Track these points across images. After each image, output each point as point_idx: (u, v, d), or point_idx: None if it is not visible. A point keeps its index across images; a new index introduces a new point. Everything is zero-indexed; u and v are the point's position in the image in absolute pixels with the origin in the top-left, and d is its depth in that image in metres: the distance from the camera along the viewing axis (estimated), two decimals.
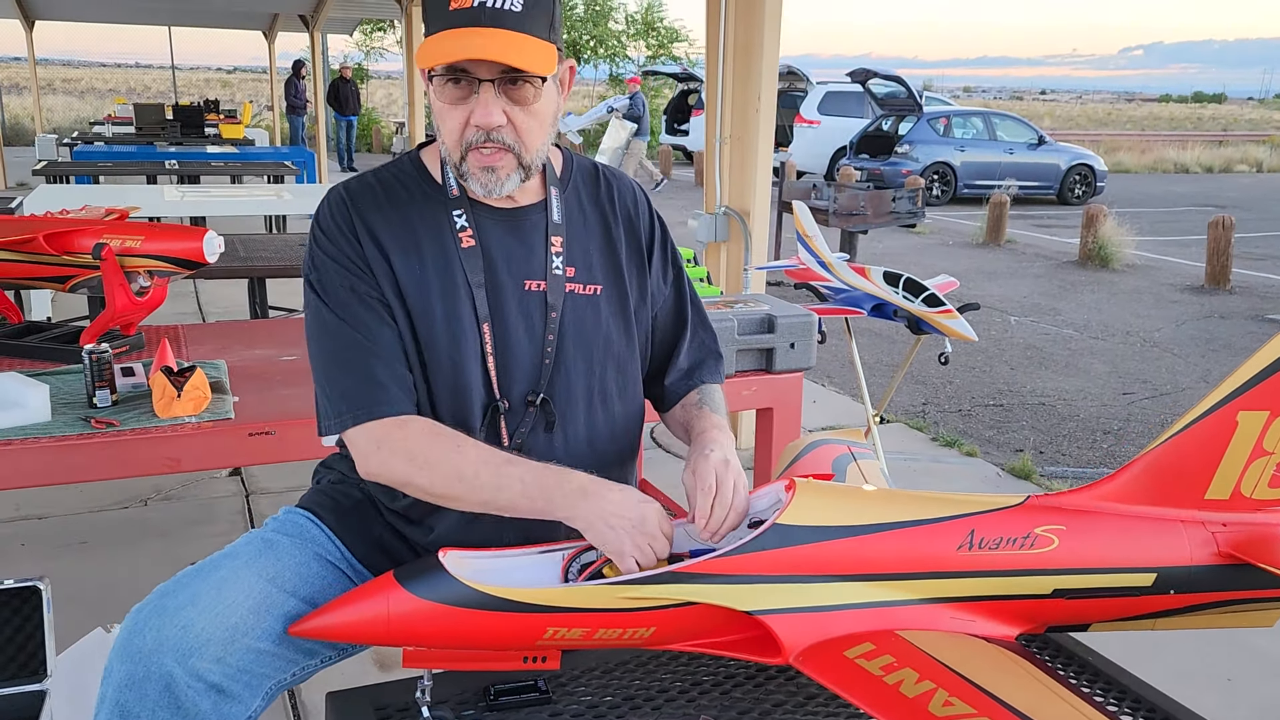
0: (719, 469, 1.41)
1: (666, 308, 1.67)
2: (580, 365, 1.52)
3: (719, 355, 1.73)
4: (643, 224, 1.63)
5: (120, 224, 2.84)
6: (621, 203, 1.62)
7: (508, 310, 1.49)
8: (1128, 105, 73.52)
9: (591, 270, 1.55)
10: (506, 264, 1.50)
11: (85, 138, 11.62)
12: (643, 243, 1.62)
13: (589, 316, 1.53)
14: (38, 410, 2.28)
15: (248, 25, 17.77)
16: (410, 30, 10.60)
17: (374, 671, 2.38)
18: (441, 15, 1.36)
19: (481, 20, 1.34)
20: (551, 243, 1.52)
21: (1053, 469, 4.54)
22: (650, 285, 1.62)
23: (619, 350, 1.57)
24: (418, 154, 1.56)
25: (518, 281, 1.50)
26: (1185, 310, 8.29)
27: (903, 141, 15.70)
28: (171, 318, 3.68)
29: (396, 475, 1.42)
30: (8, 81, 24.68)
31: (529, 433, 1.50)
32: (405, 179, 1.53)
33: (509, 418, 1.49)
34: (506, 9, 1.35)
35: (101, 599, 2.74)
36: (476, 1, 1.34)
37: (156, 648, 1.30)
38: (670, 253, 1.67)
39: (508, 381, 1.48)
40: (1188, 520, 1.43)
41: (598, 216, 1.59)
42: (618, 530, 1.32)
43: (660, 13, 27.49)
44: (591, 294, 1.54)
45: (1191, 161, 24.46)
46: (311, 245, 1.49)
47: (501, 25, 1.35)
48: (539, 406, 1.50)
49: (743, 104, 4.20)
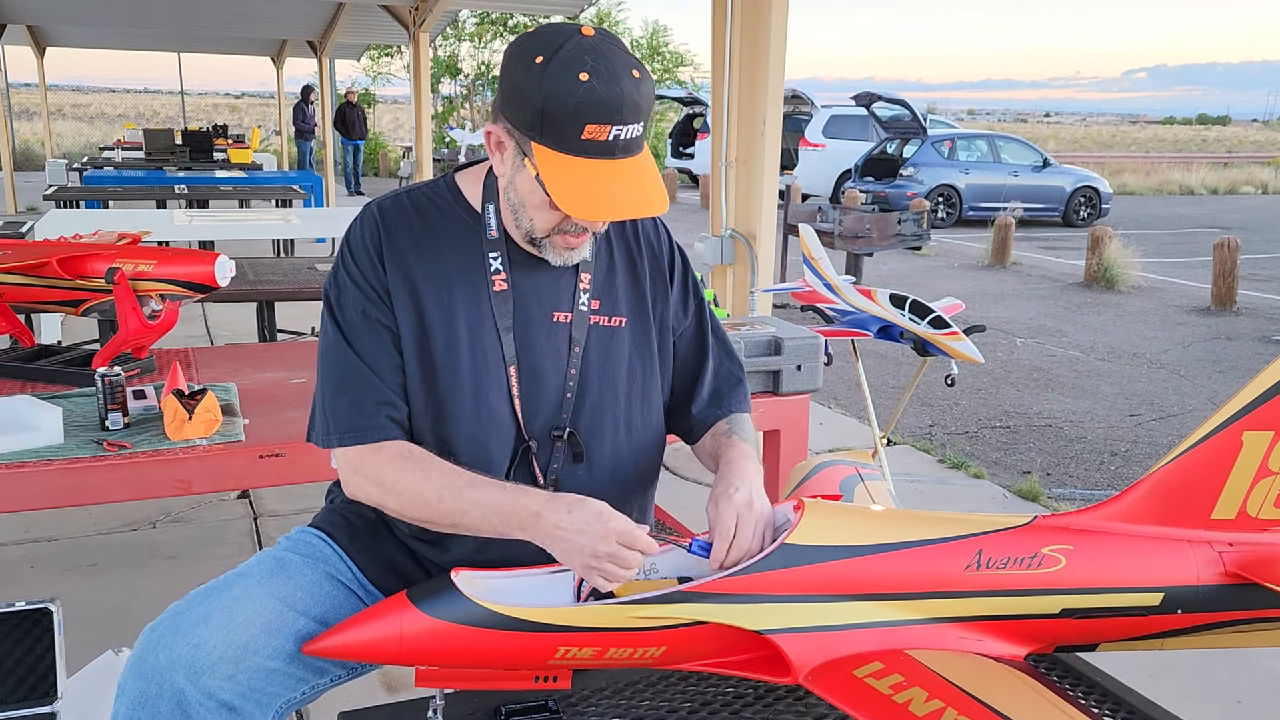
0: (741, 511, 1.38)
1: (688, 336, 1.67)
2: (605, 397, 1.53)
3: (744, 382, 1.72)
4: (664, 254, 1.65)
5: (133, 248, 2.86)
6: (645, 234, 1.64)
7: (534, 346, 1.49)
8: (1132, 127, 73.72)
9: (616, 303, 1.56)
10: (537, 298, 1.51)
11: (95, 163, 11.72)
12: (665, 273, 1.64)
13: (614, 348, 1.54)
14: (51, 433, 2.30)
15: (256, 51, 17.92)
16: (418, 55, 10.68)
17: (381, 693, 2.38)
18: (570, 141, 1.31)
19: (616, 153, 1.33)
20: (580, 279, 1.53)
21: (1060, 491, 4.53)
22: (670, 314, 1.63)
23: (641, 380, 1.58)
24: (454, 179, 1.55)
25: (546, 313, 1.51)
26: (1191, 332, 8.29)
27: (907, 164, 15.75)
28: (180, 341, 3.71)
29: (371, 499, 1.46)
30: (18, 107, 24.89)
31: (559, 469, 1.51)
32: (442, 205, 1.53)
33: (539, 455, 1.50)
34: (633, 139, 1.34)
35: (111, 621, 2.76)
36: (611, 135, 1.31)
37: (169, 665, 1.31)
38: (690, 283, 1.68)
39: (533, 418, 1.49)
40: (1194, 540, 1.44)
41: (624, 249, 1.60)
42: (571, 550, 1.32)
43: (665, 37, 27.70)
44: (616, 325, 1.55)
45: (1196, 183, 24.49)
46: (337, 261, 1.51)
47: (630, 154, 1.34)
48: (565, 440, 1.51)
49: (748, 127, 4.23)
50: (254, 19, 12.83)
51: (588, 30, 1.33)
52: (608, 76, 1.29)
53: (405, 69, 19.86)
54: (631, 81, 1.31)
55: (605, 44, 1.33)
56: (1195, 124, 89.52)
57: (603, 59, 1.30)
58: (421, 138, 10.75)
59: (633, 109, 1.31)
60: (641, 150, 1.37)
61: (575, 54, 1.30)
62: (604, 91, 1.29)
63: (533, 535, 1.35)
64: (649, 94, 1.34)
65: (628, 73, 1.31)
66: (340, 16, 12.40)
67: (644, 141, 1.38)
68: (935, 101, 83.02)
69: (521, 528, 1.36)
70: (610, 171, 1.33)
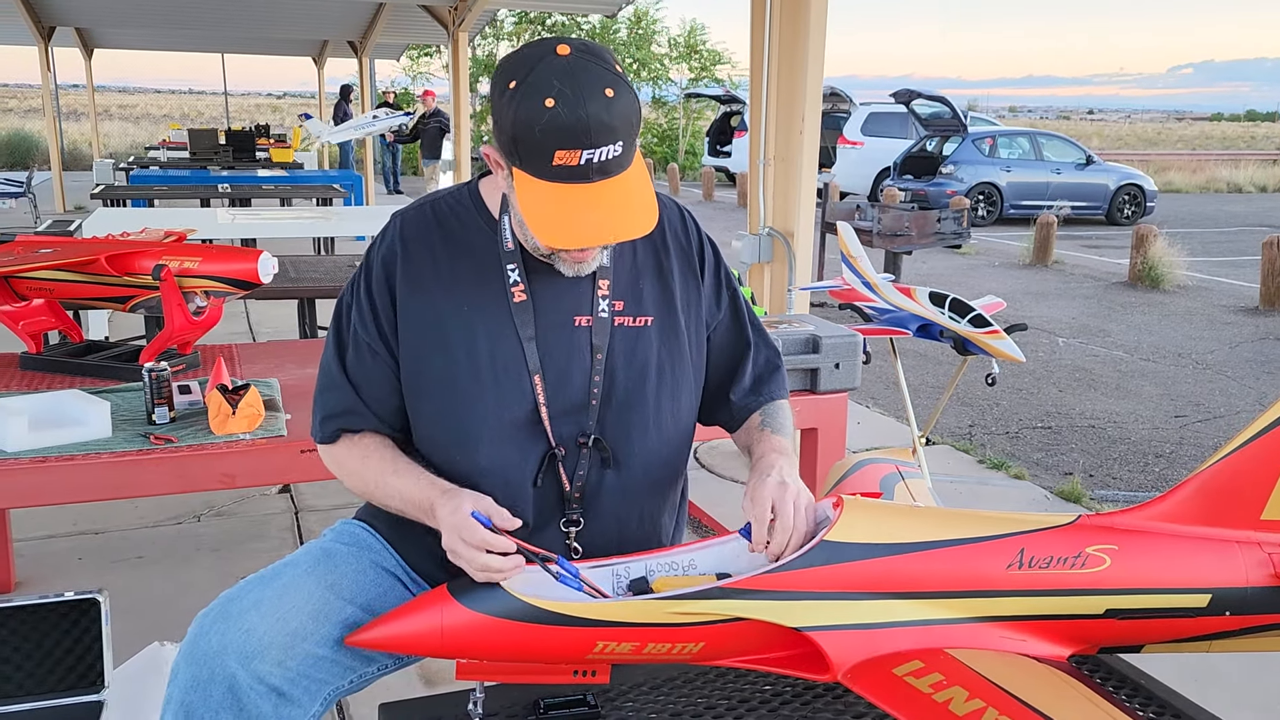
0: (775, 493, 1.38)
1: (723, 328, 1.66)
2: (632, 398, 1.52)
3: (781, 368, 1.72)
4: (693, 248, 1.63)
5: (179, 246, 2.91)
6: (672, 231, 1.62)
7: (557, 353, 1.49)
8: (1178, 124, 72.46)
9: (641, 302, 1.55)
10: (556, 304, 1.50)
11: (141, 162, 11.92)
12: (695, 267, 1.62)
13: (640, 348, 1.53)
14: (99, 427, 2.34)
15: (298, 52, 18.12)
16: (456, 55, 10.74)
17: (419, 687, 2.40)
18: (542, 167, 1.30)
19: (591, 176, 1.31)
20: (599, 285, 1.52)
21: (1103, 492, 4.47)
22: (704, 309, 1.62)
23: (671, 378, 1.56)
24: (477, 186, 1.56)
25: (567, 318, 1.50)
26: (1239, 332, 8.14)
27: (947, 162, 15.61)
28: (224, 337, 3.75)
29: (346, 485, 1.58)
30: (67, 108, 25.37)
31: (587, 474, 1.51)
32: (463, 215, 1.53)
33: (565, 463, 1.50)
34: (610, 160, 1.31)
35: (157, 613, 2.80)
36: (583, 160, 1.29)
37: (221, 650, 1.33)
38: (723, 275, 1.67)
39: (559, 425, 1.49)
40: (1244, 541, 1.41)
41: (649, 251, 1.58)
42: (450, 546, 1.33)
43: (703, 35, 27.65)
44: (642, 325, 1.54)
45: (1245, 181, 24.03)
46: (358, 272, 1.55)
47: (608, 175, 1.32)
48: (592, 446, 1.50)
49: (786, 125, 4.22)
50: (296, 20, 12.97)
51: (563, 49, 1.30)
52: (573, 100, 1.26)
53: (444, 68, 20.00)
54: (601, 102, 1.27)
55: (579, 62, 1.29)
56: (1244, 120, 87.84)
57: (571, 81, 1.27)
58: (460, 138, 10.81)
59: (602, 131, 1.27)
60: (625, 168, 1.34)
61: (543, 77, 1.28)
62: (568, 117, 1.26)
63: (438, 526, 1.38)
64: (625, 111, 1.30)
65: (598, 93, 1.27)
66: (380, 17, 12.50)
67: (630, 158, 1.34)
68: (976, 98, 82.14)
69: (430, 518, 1.41)
70: (586, 195, 1.31)
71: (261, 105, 52.89)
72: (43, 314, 3.01)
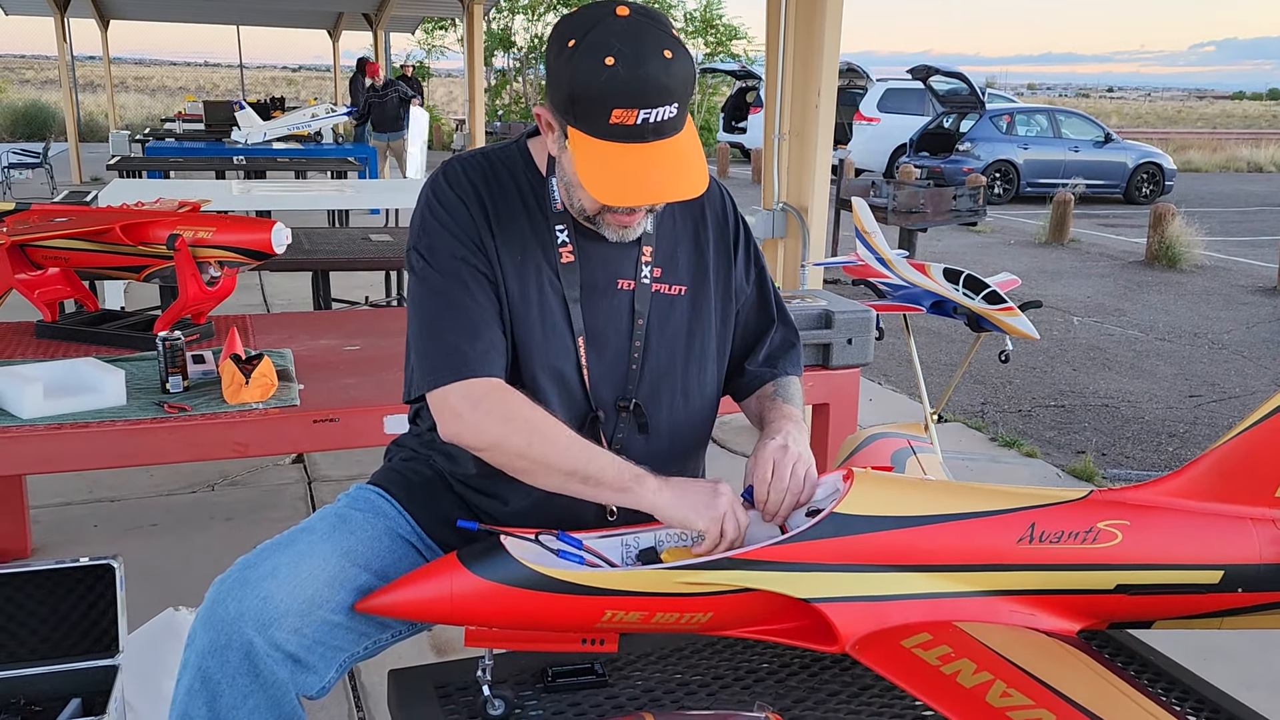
0: (776, 455, 1.43)
1: (750, 304, 1.69)
2: (664, 365, 1.55)
3: (797, 346, 1.74)
4: (730, 223, 1.65)
5: (193, 216, 2.92)
6: (711, 203, 1.63)
7: (600, 317, 1.50)
8: (1199, 103, 71.65)
9: (677, 271, 1.57)
10: (602, 266, 1.51)
11: (157, 134, 11.92)
12: (730, 242, 1.64)
13: (673, 316, 1.56)
14: (114, 395, 2.35)
15: (314, 24, 18.08)
16: (471, 28, 10.70)
17: (431, 655, 2.42)
18: (599, 125, 1.31)
19: (646, 136, 1.32)
20: (643, 251, 1.54)
21: (1115, 471, 4.45)
22: (734, 283, 1.64)
23: (700, 348, 1.59)
24: (526, 145, 1.55)
25: (611, 280, 1.52)
26: (1256, 312, 8.07)
27: (964, 139, 15.47)
28: (238, 308, 3.77)
29: (488, 436, 1.40)
30: (83, 80, 25.39)
31: (625, 440, 1.53)
32: (515, 170, 1.53)
33: (605, 425, 1.52)
34: (666, 121, 1.31)
35: (171, 580, 2.83)
36: (639, 119, 1.30)
37: (238, 617, 1.34)
38: (754, 252, 1.69)
39: (600, 388, 1.51)
40: (1258, 518, 1.41)
41: (688, 220, 1.60)
42: (701, 513, 1.34)
43: (719, 10, 27.43)
44: (677, 294, 1.56)
45: (1266, 160, 23.76)
46: (425, 214, 1.49)
47: (663, 136, 1.32)
48: (631, 411, 1.53)
49: (802, 100, 4.19)
50: None
51: (622, 10, 1.31)
52: (632, 59, 1.27)
53: (459, 42, 19.94)
54: (660, 63, 1.28)
55: (638, 23, 1.30)
56: (1266, 99, 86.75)
57: (631, 41, 1.28)
58: (475, 111, 10.78)
59: (660, 91, 1.29)
60: (679, 131, 1.35)
61: (603, 37, 1.28)
62: (627, 76, 1.27)
63: (655, 501, 1.37)
64: (682, 73, 1.31)
65: (657, 54, 1.29)
66: None
67: (683, 120, 1.36)
68: (994, 75, 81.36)
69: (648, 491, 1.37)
70: (641, 155, 1.32)
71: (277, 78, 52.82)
72: (58, 282, 3.02)
